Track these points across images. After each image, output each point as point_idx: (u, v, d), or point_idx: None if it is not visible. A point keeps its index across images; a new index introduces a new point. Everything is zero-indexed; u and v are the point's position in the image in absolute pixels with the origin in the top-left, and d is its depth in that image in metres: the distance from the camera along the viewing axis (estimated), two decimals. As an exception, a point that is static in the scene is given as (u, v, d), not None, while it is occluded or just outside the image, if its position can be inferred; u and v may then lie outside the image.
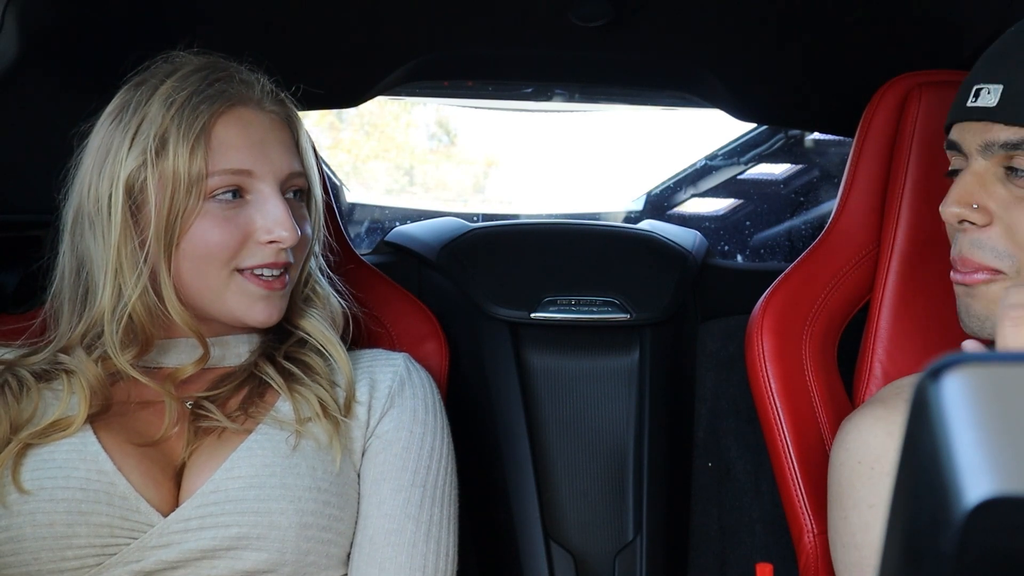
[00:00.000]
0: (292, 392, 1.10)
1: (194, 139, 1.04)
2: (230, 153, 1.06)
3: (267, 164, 1.08)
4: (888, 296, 1.25)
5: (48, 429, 1.03)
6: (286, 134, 1.12)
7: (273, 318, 1.10)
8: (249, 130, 1.08)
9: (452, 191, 3.20)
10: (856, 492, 1.04)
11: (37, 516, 0.98)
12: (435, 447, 1.14)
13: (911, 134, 1.28)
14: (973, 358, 0.38)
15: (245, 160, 1.06)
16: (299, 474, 1.04)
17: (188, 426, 1.07)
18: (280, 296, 1.10)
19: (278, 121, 1.12)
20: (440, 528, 1.11)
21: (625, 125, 2.66)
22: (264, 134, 1.09)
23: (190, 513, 1.01)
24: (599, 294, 1.54)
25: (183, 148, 1.03)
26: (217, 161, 1.05)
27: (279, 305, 1.10)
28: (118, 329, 1.06)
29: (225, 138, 1.06)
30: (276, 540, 1.01)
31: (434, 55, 1.60)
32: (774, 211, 2.45)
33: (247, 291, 1.08)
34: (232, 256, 1.06)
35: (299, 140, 1.14)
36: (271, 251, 1.07)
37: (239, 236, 1.06)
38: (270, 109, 1.11)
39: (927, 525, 0.38)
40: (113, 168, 1.06)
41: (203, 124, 1.04)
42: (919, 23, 1.45)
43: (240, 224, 1.06)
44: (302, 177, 1.13)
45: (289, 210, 1.08)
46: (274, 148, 1.09)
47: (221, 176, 1.05)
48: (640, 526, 1.48)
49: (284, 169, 1.09)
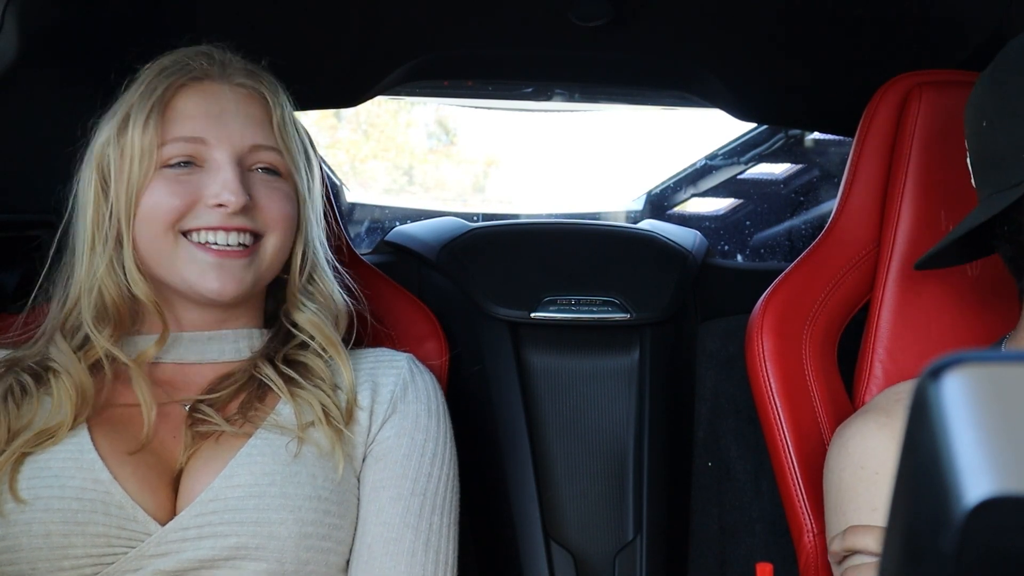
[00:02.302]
0: (293, 396, 1.08)
1: (149, 109, 1.07)
2: (185, 122, 1.08)
3: (223, 132, 1.08)
4: (888, 296, 1.25)
5: (39, 435, 1.02)
6: (255, 108, 1.11)
7: (227, 289, 1.07)
8: (208, 101, 1.09)
9: (452, 191, 3.20)
10: (859, 496, 1.03)
11: (33, 526, 0.97)
12: (436, 453, 1.12)
13: (911, 134, 1.28)
14: (973, 358, 0.38)
15: (198, 128, 1.07)
16: (299, 483, 1.03)
17: (186, 430, 1.06)
18: (240, 267, 1.07)
19: (247, 95, 1.11)
20: (439, 537, 1.09)
21: (625, 125, 2.66)
22: (225, 105, 1.09)
23: (188, 522, 1.00)
24: (599, 294, 1.54)
25: (139, 118, 1.07)
26: (171, 131, 1.07)
27: (238, 277, 1.07)
28: (90, 304, 1.08)
29: (183, 109, 1.08)
30: (275, 550, 1.00)
31: (434, 55, 1.60)
32: (774, 211, 2.45)
33: (197, 259, 1.06)
34: (177, 219, 1.06)
35: (274, 116, 1.12)
36: (217, 214, 1.06)
37: (188, 200, 1.06)
38: (239, 82, 1.11)
39: (927, 525, 0.38)
40: (92, 152, 1.10)
41: (159, 95, 1.07)
42: (919, 23, 1.45)
43: (190, 189, 1.06)
44: (272, 152, 1.11)
45: (238, 175, 1.06)
46: (235, 119, 1.09)
47: (174, 144, 1.07)
48: (640, 526, 1.48)
49: (245, 140, 1.09)
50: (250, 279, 1.09)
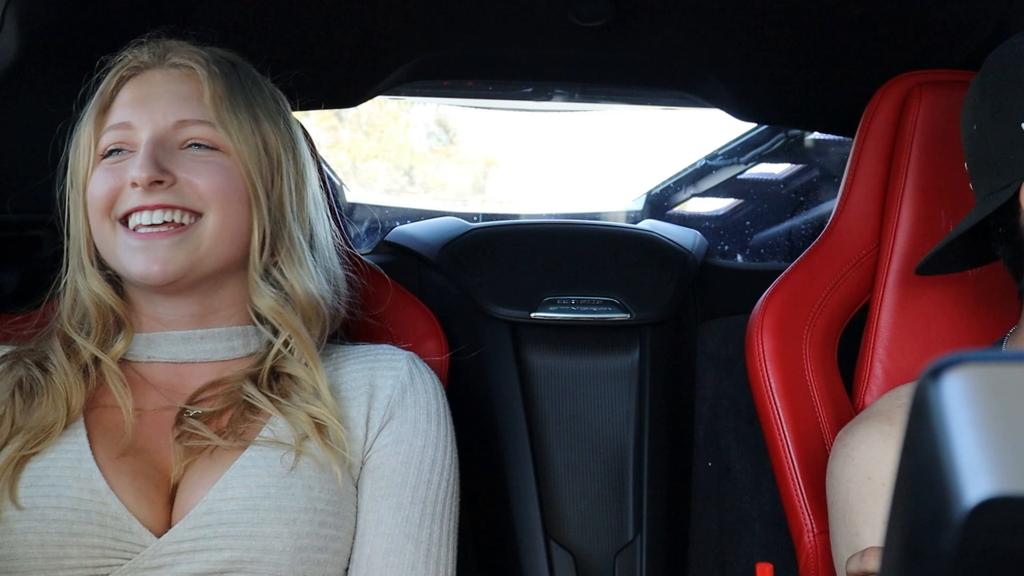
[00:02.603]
0: (283, 412, 1.05)
1: (92, 105, 1.10)
2: (117, 111, 1.10)
3: (146, 115, 1.08)
4: (888, 296, 1.25)
5: (37, 435, 1.02)
6: (185, 86, 1.10)
7: (152, 270, 1.03)
8: (141, 88, 1.10)
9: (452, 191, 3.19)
10: (868, 508, 1.03)
11: (29, 536, 0.97)
12: (436, 459, 1.10)
13: (911, 134, 1.28)
14: (973, 358, 0.38)
15: (126, 115, 1.09)
16: (294, 495, 1.00)
17: (174, 443, 1.04)
18: (166, 247, 1.04)
19: (177, 75, 1.11)
20: (440, 546, 1.07)
21: (625, 125, 2.66)
22: (152, 88, 1.10)
23: (183, 535, 0.98)
24: (599, 294, 1.54)
25: (89, 115, 1.10)
26: (107, 121, 1.10)
27: (163, 257, 1.03)
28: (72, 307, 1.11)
29: (121, 100, 1.11)
30: (271, 564, 0.98)
31: (434, 55, 1.60)
32: (774, 211, 2.45)
33: (127, 244, 1.05)
34: (109, 206, 1.07)
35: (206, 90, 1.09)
36: (136, 194, 1.05)
37: (115, 185, 1.06)
38: (172, 63, 1.12)
39: (927, 525, 0.38)
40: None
41: (102, 90, 1.11)
42: (919, 23, 1.45)
43: (118, 174, 1.07)
44: (203, 126, 1.08)
45: (153, 152, 1.05)
46: (160, 100, 1.09)
47: (107, 134, 1.09)
48: (640, 526, 1.48)
49: (168, 117, 1.08)
50: (180, 260, 1.04)
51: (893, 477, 0.42)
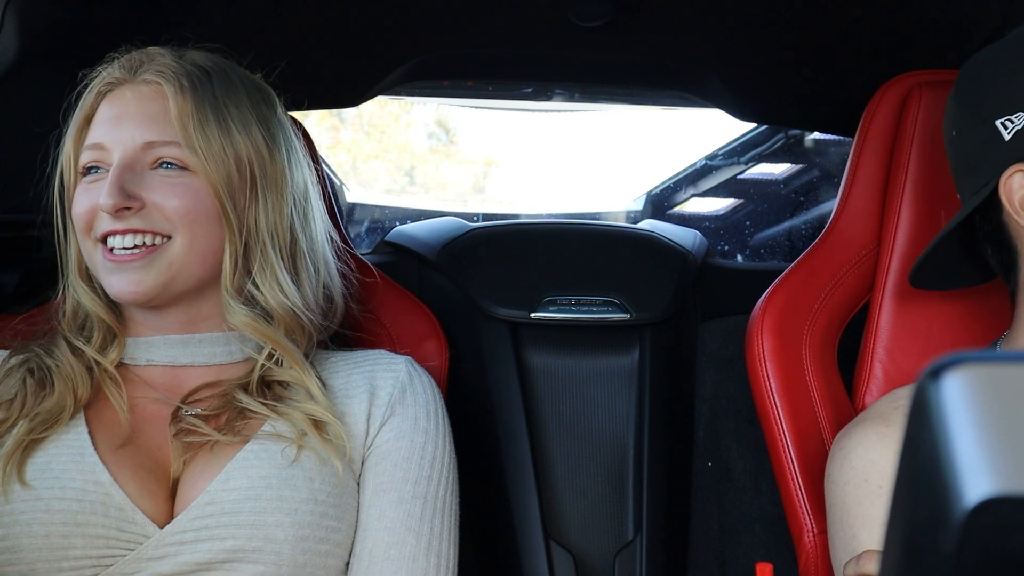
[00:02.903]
0: (279, 415, 1.07)
1: (75, 122, 1.11)
2: (94, 129, 1.10)
3: (117, 135, 1.08)
4: (888, 296, 1.25)
5: (48, 419, 1.04)
6: (154, 105, 1.09)
7: (125, 291, 1.06)
8: (114, 106, 1.10)
9: (452, 191, 3.19)
10: (865, 511, 1.03)
11: (33, 527, 0.98)
12: (436, 456, 1.12)
13: (911, 134, 1.28)
14: (973, 358, 0.38)
15: (99, 134, 1.09)
16: (296, 486, 1.02)
17: (172, 440, 1.06)
18: (136, 269, 1.05)
19: (148, 93, 1.10)
20: (440, 540, 1.09)
21: (625, 125, 2.66)
22: (124, 108, 1.09)
23: (185, 525, 1.00)
24: (599, 294, 1.54)
25: (71, 132, 1.11)
26: (85, 139, 1.10)
27: (135, 279, 1.05)
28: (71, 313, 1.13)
29: (99, 117, 1.11)
30: (272, 553, 1.00)
31: (434, 55, 1.60)
32: (774, 211, 2.45)
33: (105, 264, 1.07)
34: (88, 227, 1.08)
35: (171, 109, 1.07)
36: (107, 219, 1.06)
37: (91, 206, 1.07)
38: (143, 79, 1.10)
39: (927, 525, 0.38)
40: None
41: (84, 104, 1.11)
42: (919, 23, 1.45)
43: (92, 197, 1.08)
44: (170, 147, 1.07)
45: (119, 177, 1.05)
46: (129, 120, 1.08)
47: (85, 153, 1.10)
48: (640, 526, 1.48)
49: (137, 139, 1.07)
50: (151, 280, 1.06)
51: (892, 477, 0.42)
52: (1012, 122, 1.00)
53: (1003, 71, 1.03)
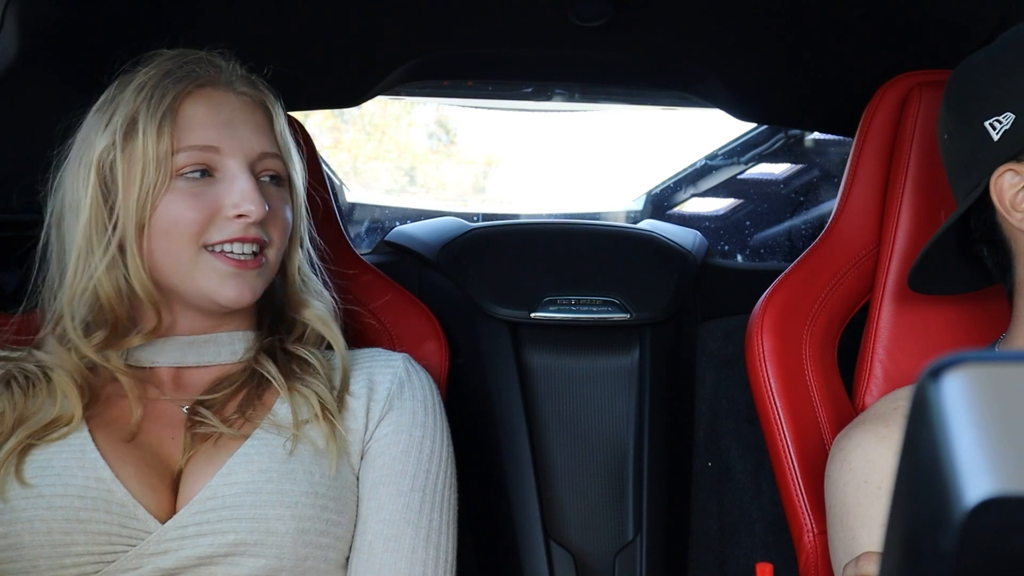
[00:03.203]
0: (292, 391, 1.09)
1: (160, 117, 1.06)
2: (197, 130, 1.07)
3: (235, 142, 1.08)
4: (888, 296, 1.25)
5: (49, 427, 1.04)
6: (258, 116, 1.12)
7: (245, 298, 1.08)
8: (217, 109, 1.09)
9: (452, 191, 3.19)
10: (866, 513, 1.04)
11: (35, 523, 0.98)
12: (434, 450, 1.13)
13: (911, 134, 1.28)
14: (973, 358, 0.38)
15: (211, 137, 1.07)
16: (296, 479, 1.04)
17: (185, 432, 1.06)
18: (254, 276, 1.08)
19: (249, 102, 1.12)
20: (439, 533, 1.10)
21: (625, 125, 2.66)
22: (233, 114, 1.09)
23: (187, 520, 1.01)
24: (599, 294, 1.54)
25: (151, 126, 1.05)
26: (184, 138, 1.06)
27: (252, 285, 1.08)
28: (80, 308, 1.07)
29: (192, 116, 1.07)
30: (273, 546, 1.01)
31: (434, 55, 1.60)
32: (774, 211, 2.45)
33: (216, 269, 1.06)
34: (200, 232, 1.06)
35: (275, 124, 1.13)
36: (239, 225, 1.06)
37: (207, 212, 1.06)
38: (241, 91, 1.11)
39: (927, 525, 0.38)
40: (88, 154, 1.08)
41: (169, 103, 1.06)
42: (919, 23, 1.45)
43: (208, 201, 1.06)
44: (276, 160, 1.11)
45: (256, 185, 1.07)
46: (243, 127, 1.09)
47: (188, 153, 1.06)
48: (640, 526, 1.48)
49: (255, 148, 1.09)
50: (260, 287, 1.10)
51: (893, 477, 0.42)
52: (1000, 122, 1.02)
53: (989, 73, 1.05)
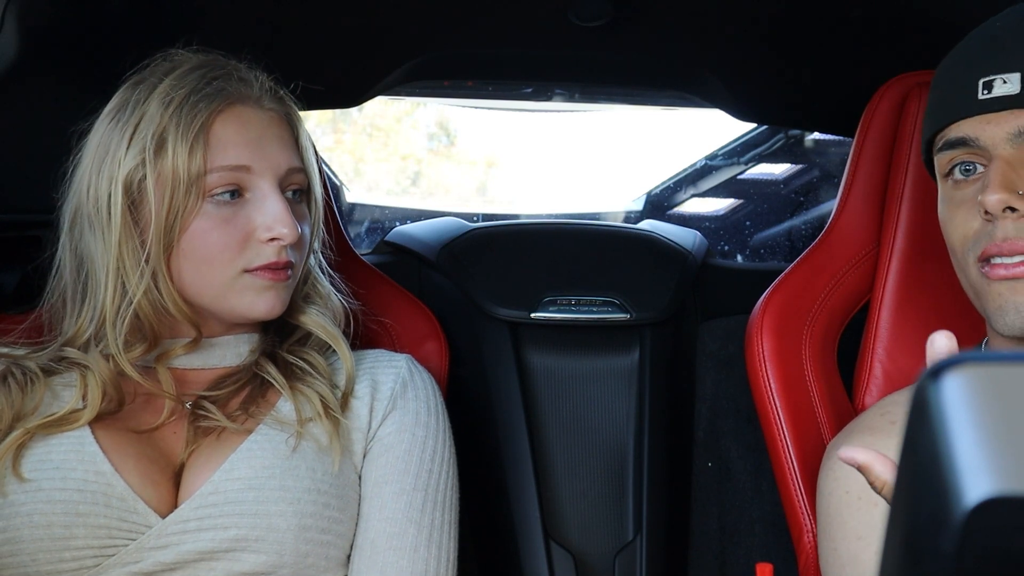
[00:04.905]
0: (294, 391, 1.09)
1: (193, 137, 1.03)
2: (228, 150, 1.05)
3: (265, 160, 1.07)
4: (888, 296, 1.25)
5: (59, 420, 1.03)
6: (285, 131, 1.11)
7: (276, 310, 1.09)
8: (247, 127, 1.07)
9: (453, 192, 3.19)
10: (845, 523, 1.04)
11: (35, 517, 0.98)
12: (437, 450, 1.13)
13: (911, 134, 1.28)
14: (973, 358, 0.38)
15: (243, 156, 1.06)
16: (298, 476, 1.04)
17: (188, 426, 1.07)
18: (284, 288, 1.09)
19: (277, 118, 1.11)
20: (441, 532, 1.10)
21: (625, 125, 2.66)
22: (262, 131, 1.08)
23: (188, 515, 1.01)
24: (599, 294, 1.54)
25: (182, 146, 1.03)
26: (215, 159, 1.05)
27: (283, 297, 1.09)
28: (123, 328, 1.06)
29: (223, 136, 1.06)
30: (275, 542, 1.01)
31: (434, 55, 1.60)
32: (774, 211, 2.45)
33: (252, 285, 1.07)
34: (235, 257, 1.05)
35: (299, 137, 1.14)
36: (273, 249, 1.06)
37: (239, 236, 1.05)
38: (269, 107, 1.11)
39: (927, 525, 0.38)
40: (112, 167, 1.06)
41: (202, 123, 1.04)
42: (919, 23, 1.45)
43: (239, 224, 1.06)
44: (301, 174, 1.12)
45: (287, 206, 1.07)
46: (272, 144, 1.08)
47: (219, 173, 1.05)
48: (640, 526, 1.48)
49: (283, 165, 1.09)
50: (288, 297, 1.11)
51: (892, 478, 0.42)
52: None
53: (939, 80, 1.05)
